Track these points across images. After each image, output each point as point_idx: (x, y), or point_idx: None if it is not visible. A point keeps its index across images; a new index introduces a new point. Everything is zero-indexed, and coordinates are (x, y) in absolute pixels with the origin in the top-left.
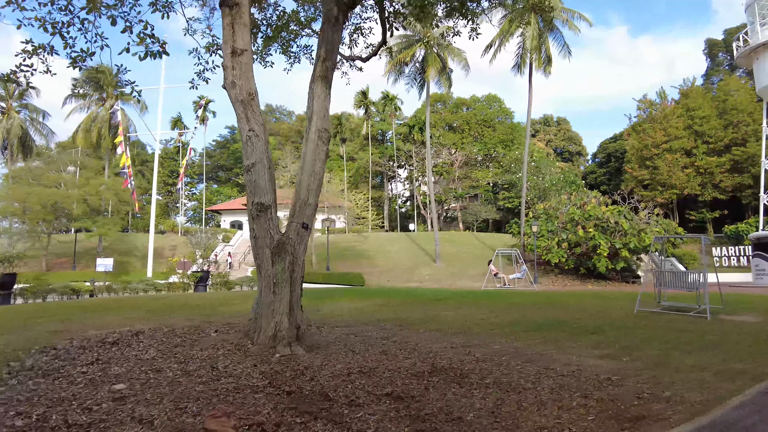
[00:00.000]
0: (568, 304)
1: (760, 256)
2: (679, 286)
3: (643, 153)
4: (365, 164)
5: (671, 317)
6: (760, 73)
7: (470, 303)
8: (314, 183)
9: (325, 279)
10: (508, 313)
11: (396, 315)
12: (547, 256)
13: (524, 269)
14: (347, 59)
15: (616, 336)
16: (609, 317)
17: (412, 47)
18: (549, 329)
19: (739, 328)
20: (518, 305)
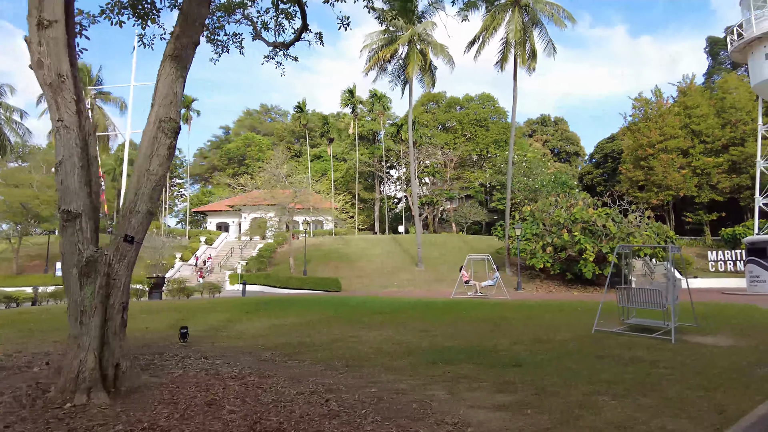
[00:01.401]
0: (520, 319)
1: (755, 261)
2: (645, 302)
3: (638, 153)
4: (355, 165)
5: (630, 340)
6: (755, 67)
7: (410, 318)
8: (148, 185)
9: (301, 284)
10: (438, 334)
11: (301, 339)
12: (532, 260)
13: (497, 276)
14: (269, 45)
15: (541, 371)
16: (554, 340)
17: (393, 44)
18: (463, 360)
19: (702, 356)
20: (462, 321)
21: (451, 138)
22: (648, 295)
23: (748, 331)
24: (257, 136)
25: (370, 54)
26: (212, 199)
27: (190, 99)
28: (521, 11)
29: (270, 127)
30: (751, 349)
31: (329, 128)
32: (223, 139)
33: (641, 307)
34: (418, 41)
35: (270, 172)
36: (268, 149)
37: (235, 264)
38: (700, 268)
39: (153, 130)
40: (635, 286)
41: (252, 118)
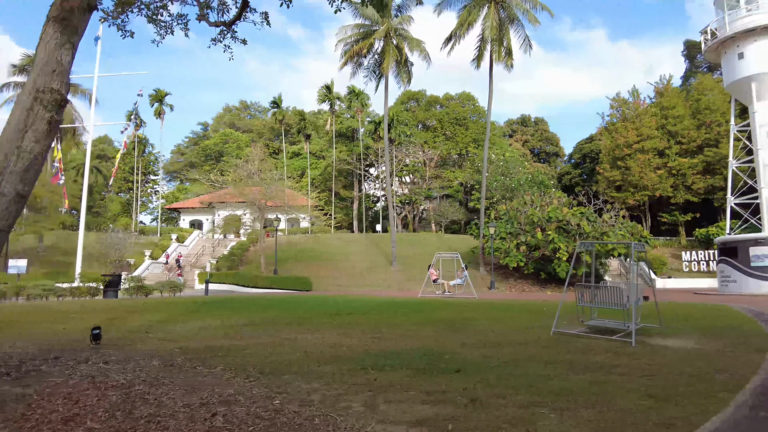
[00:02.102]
0: (481, 320)
1: (726, 261)
2: (605, 301)
3: (615, 153)
4: (334, 162)
5: (588, 343)
6: (728, 67)
7: (366, 319)
8: (18, 164)
9: (270, 284)
10: (388, 336)
11: (231, 342)
12: (506, 259)
13: (465, 275)
14: (211, 25)
15: (481, 378)
16: (508, 343)
17: (368, 38)
18: (400, 365)
19: (661, 361)
20: (420, 322)
21: (431, 137)
22: (608, 294)
23: (714, 333)
24: (235, 132)
25: (345, 48)
26: (188, 196)
27: (163, 93)
28: (497, 7)
29: (249, 124)
30: (714, 352)
31: (306, 124)
32: (201, 136)
33: (602, 307)
34: (394, 36)
35: (240, 167)
36: (246, 146)
37: (207, 262)
38: (675, 268)
39: (29, 100)
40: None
41: (231, 115)
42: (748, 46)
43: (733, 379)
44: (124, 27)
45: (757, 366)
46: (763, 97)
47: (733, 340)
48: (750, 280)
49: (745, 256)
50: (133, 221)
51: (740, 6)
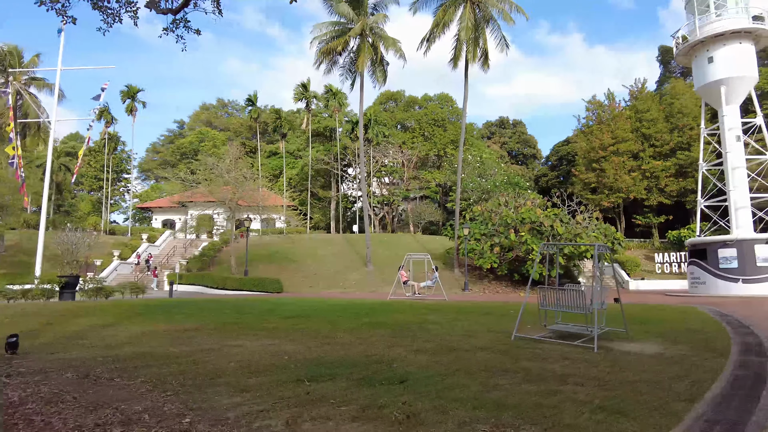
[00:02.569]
0: (443, 324)
1: (696, 263)
2: (566, 305)
3: (591, 155)
4: (312, 162)
5: (548, 349)
6: (698, 70)
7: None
8: None
9: (239, 285)
10: (339, 342)
11: (166, 349)
12: (479, 261)
13: (435, 276)
14: (159, 12)
15: (425, 390)
16: (463, 349)
17: (343, 35)
18: (341, 375)
19: (622, 368)
20: (379, 326)
21: (409, 137)
22: (570, 297)
23: (679, 337)
24: (212, 130)
25: (320, 45)
26: (162, 196)
27: (135, 89)
28: (473, 7)
29: (226, 123)
30: (678, 357)
31: (282, 123)
32: (177, 134)
33: (565, 311)
34: (369, 34)
35: (210, 166)
36: (222, 144)
37: (177, 263)
38: (648, 269)
39: None
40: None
41: (208, 113)
42: (718, 51)
43: (692, 388)
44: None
45: (717, 372)
46: (732, 101)
47: (697, 344)
48: (718, 281)
49: (714, 258)
50: (102, 220)
51: (710, 11)
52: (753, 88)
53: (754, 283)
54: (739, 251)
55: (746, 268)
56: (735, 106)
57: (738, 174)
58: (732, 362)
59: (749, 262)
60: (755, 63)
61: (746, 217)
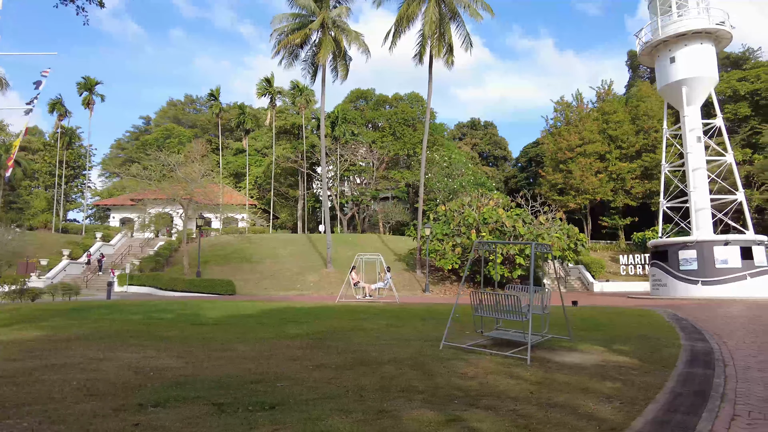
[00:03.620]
0: (374, 330)
1: (657, 265)
2: (500, 309)
3: (558, 156)
4: (277, 160)
5: (476, 359)
6: (661, 70)
7: (235, 331)
8: None
9: (190, 287)
10: (235, 355)
11: (14, 364)
12: (441, 261)
13: (388, 278)
14: None
15: (295, 418)
16: (377, 362)
17: (304, 28)
18: (198, 399)
19: (551, 382)
20: (287, 337)
21: (379, 136)
22: (504, 301)
23: (627, 344)
24: (178, 127)
25: (280, 38)
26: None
27: (93, 81)
28: (438, 1)
29: (194, 119)
30: (617, 370)
31: (246, 118)
32: (143, 130)
33: (498, 316)
34: (331, 27)
35: (159, 161)
36: (188, 141)
37: (128, 263)
38: (613, 271)
39: None
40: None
41: (176, 109)
42: (679, 51)
43: (619, 413)
44: None
45: (656, 389)
46: (693, 102)
47: (643, 353)
48: (679, 283)
49: (675, 260)
50: (54, 218)
51: (672, 11)
52: (713, 90)
53: (713, 285)
54: (698, 253)
55: (706, 270)
56: (696, 107)
57: (698, 175)
58: (675, 376)
59: (708, 264)
60: (716, 64)
61: (706, 219)
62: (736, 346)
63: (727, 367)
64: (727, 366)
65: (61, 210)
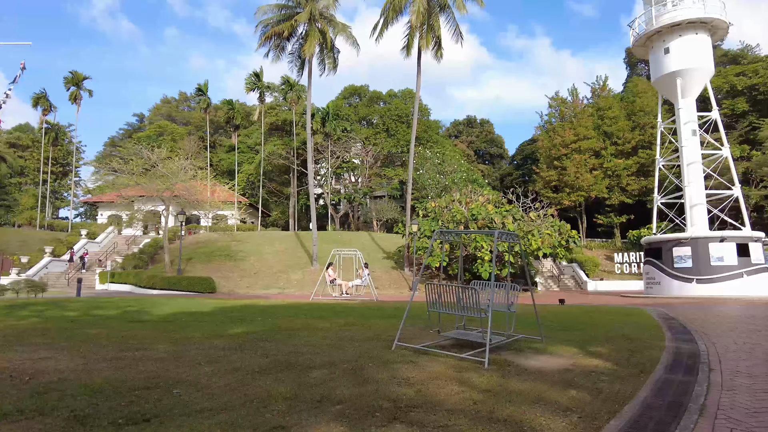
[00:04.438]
0: (332, 330)
1: (651, 263)
2: (457, 306)
3: (552, 152)
4: (267, 156)
5: (426, 363)
6: (655, 62)
7: (168, 332)
8: None
9: (169, 284)
10: (141, 357)
11: None
12: (428, 259)
13: (366, 275)
14: None
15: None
16: (309, 365)
17: (290, 19)
18: (53, 410)
19: (504, 390)
20: (225, 337)
21: (372, 133)
22: (460, 296)
23: (606, 345)
24: (171, 124)
25: (265, 29)
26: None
27: (80, 76)
28: None
29: (188, 116)
30: (586, 376)
31: (235, 114)
32: (137, 128)
33: (452, 313)
34: (319, 19)
35: (139, 155)
36: (181, 138)
37: (112, 260)
38: (608, 270)
39: None
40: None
41: (169, 106)
42: (674, 41)
43: (572, 431)
44: None
45: (626, 399)
46: (688, 94)
47: (621, 356)
48: (673, 282)
49: (669, 258)
50: (38, 215)
51: (667, 1)
52: (709, 82)
53: (708, 284)
54: (693, 250)
55: (701, 268)
56: (691, 99)
57: (693, 170)
58: (651, 383)
59: (703, 262)
60: (711, 55)
61: (701, 215)
62: (727, 347)
63: (713, 372)
64: (713, 371)
65: (47, 207)
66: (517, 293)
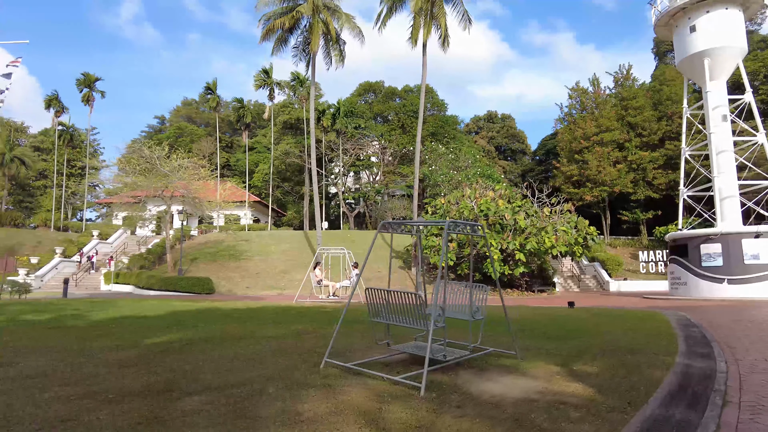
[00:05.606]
0: (267, 339)
1: (676, 261)
2: (395, 313)
3: (573, 146)
4: (281, 155)
5: (345, 388)
6: (679, 42)
7: (44, 338)
8: None
9: (167, 285)
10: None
11: None
12: (435, 258)
13: (355, 275)
14: None
15: None
16: (189, 392)
17: (293, 11)
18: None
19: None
20: (123, 348)
21: (387, 130)
22: (399, 302)
23: (596, 361)
24: (190, 125)
25: (267, 23)
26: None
27: (92, 77)
28: None
29: (208, 117)
30: (549, 408)
31: (245, 112)
32: (158, 130)
33: (398, 324)
34: (322, 10)
35: (140, 154)
36: (200, 139)
37: (115, 261)
38: (632, 269)
39: None
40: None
41: (189, 108)
42: (700, 18)
43: None
44: None
45: None
46: (717, 76)
47: (611, 377)
48: (701, 282)
49: (696, 255)
50: (53, 216)
51: None
52: (741, 62)
53: (741, 284)
54: (724, 247)
55: (732, 267)
56: (721, 82)
57: (724, 158)
58: (636, 425)
59: (736, 260)
60: (743, 32)
61: (733, 208)
62: (754, 366)
63: (728, 406)
64: (727, 404)
65: (61, 208)
66: (484, 295)
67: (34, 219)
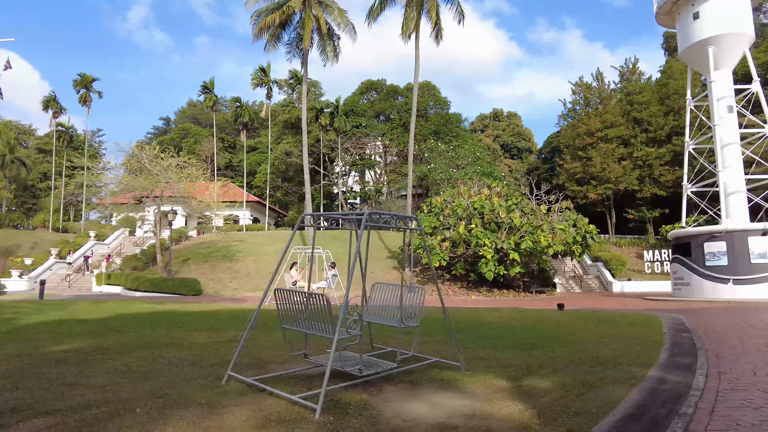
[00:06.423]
0: (182, 347)
1: (679, 260)
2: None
3: (577, 142)
4: (281, 155)
5: (242, 405)
6: (683, 31)
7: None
8: None
9: (153, 287)
10: None
11: None
12: (427, 258)
13: (332, 275)
14: None
15: None
16: (80, 403)
17: (283, 6)
18: None
19: None
20: (49, 357)
21: (389, 128)
22: (307, 305)
23: (553, 375)
24: (194, 126)
25: (259, 19)
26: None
27: (89, 78)
28: None
29: (212, 118)
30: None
31: (243, 111)
32: (163, 131)
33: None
34: (314, 5)
35: (130, 154)
36: (203, 139)
37: (107, 262)
38: (637, 269)
39: None
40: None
41: (194, 109)
42: (704, 4)
43: None
44: None
45: None
46: (722, 65)
47: (558, 397)
48: (705, 282)
49: (699, 254)
50: (51, 217)
51: None
52: (748, 50)
53: (747, 285)
54: (729, 245)
55: (738, 266)
56: (726, 71)
57: (729, 152)
58: None
59: (742, 259)
60: (750, 18)
61: (740, 204)
62: (738, 379)
63: None
64: None
65: (60, 209)
66: (420, 298)
67: (33, 220)
